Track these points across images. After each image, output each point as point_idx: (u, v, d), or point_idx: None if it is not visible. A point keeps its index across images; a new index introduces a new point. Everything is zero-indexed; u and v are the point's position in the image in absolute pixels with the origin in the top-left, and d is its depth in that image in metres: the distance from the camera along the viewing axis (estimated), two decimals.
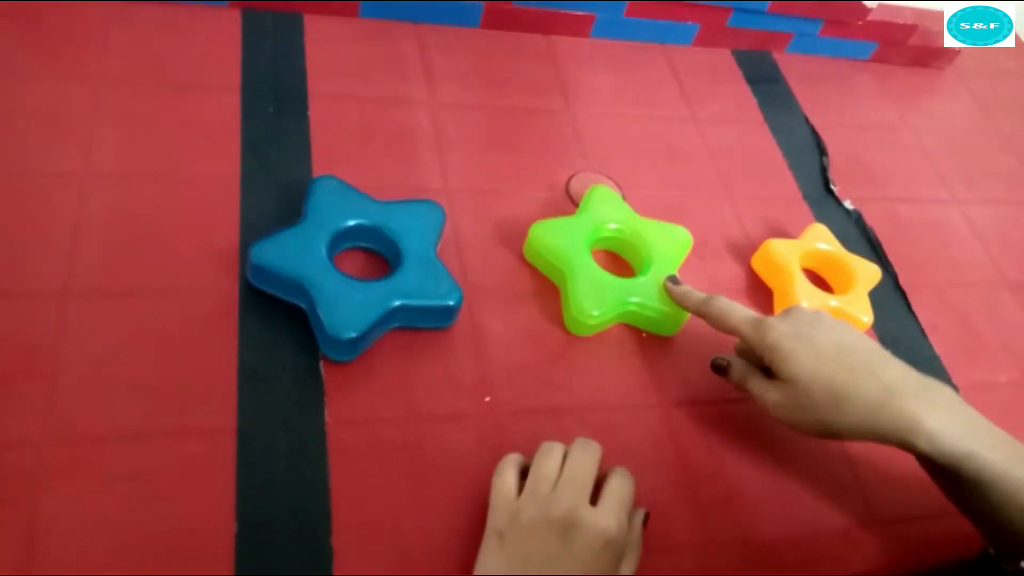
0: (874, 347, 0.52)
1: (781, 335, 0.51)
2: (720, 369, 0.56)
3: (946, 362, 0.67)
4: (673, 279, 0.60)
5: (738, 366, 0.55)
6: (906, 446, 0.48)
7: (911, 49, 0.92)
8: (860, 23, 0.86)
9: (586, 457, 0.49)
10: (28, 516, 0.43)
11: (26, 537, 0.43)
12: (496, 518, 0.47)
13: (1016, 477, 0.46)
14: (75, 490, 0.45)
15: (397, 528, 0.48)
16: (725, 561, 0.52)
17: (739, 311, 0.54)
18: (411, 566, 0.47)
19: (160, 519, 0.45)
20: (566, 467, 0.48)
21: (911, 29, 0.90)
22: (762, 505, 0.55)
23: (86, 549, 0.43)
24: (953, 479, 0.48)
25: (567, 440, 0.54)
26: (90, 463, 0.46)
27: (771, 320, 0.52)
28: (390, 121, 0.68)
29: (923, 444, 0.47)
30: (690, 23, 0.83)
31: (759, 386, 0.53)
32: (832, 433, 0.50)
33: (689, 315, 0.60)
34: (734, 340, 0.57)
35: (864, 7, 0.84)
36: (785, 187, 0.76)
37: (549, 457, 0.49)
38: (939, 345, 0.68)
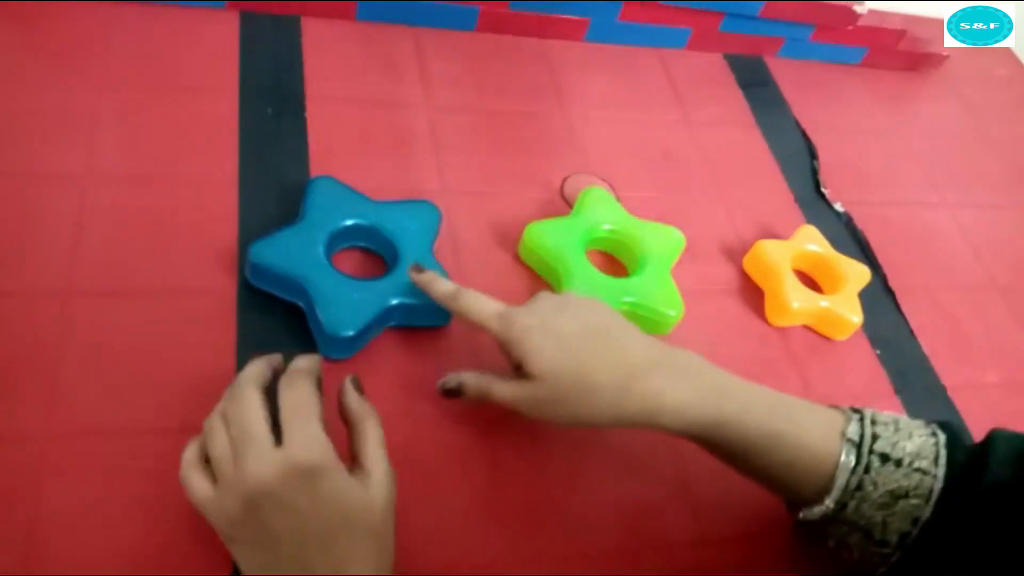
0: (619, 324, 0.50)
1: (525, 328, 0.47)
2: (452, 392, 0.51)
3: (935, 362, 0.68)
4: (417, 267, 0.53)
5: (473, 381, 0.50)
6: (655, 427, 0.47)
7: (901, 54, 0.94)
8: (850, 28, 0.87)
9: (242, 400, 0.41)
10: (29, 511, 0.44)
11: (27, 532, 0.43)
12: (216, 527, 0.41)
13: (772, 432, 0.46)
14: (76, 486, 0.45)
15: (395, 526, 0.49)
16: (723, 558, 0.52)
17: (487, 306, 0.49)
18: (409, 564, 0.47)
19: (160, 516, 0.45)
20: (229, 426, 0.41)
21: (900, 34, 0.91)
22: (759, 499, 0.55)
23: (86, 546, 0.44)
24: (713, 447, 0.48)
25: (567, 441, 0.54)
26: (91, 460, 0.46)
27: (515, 313, 0.48)
28: (387, 123, 0.69)
29: (669, 422, 0.46)
30: (683, 27, 0.84)
31: (505, 390, 0.48)
32: (585, 423, 0.48)
33: (682, 315, 0.61)
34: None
35: (854, 12, 0.85)
36: (776, 189, 0.77)
37: (214, 434, 0.41)
38: (928, 346, 0.69)
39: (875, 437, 0.46)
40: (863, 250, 0.75)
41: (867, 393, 0.64)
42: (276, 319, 0.55)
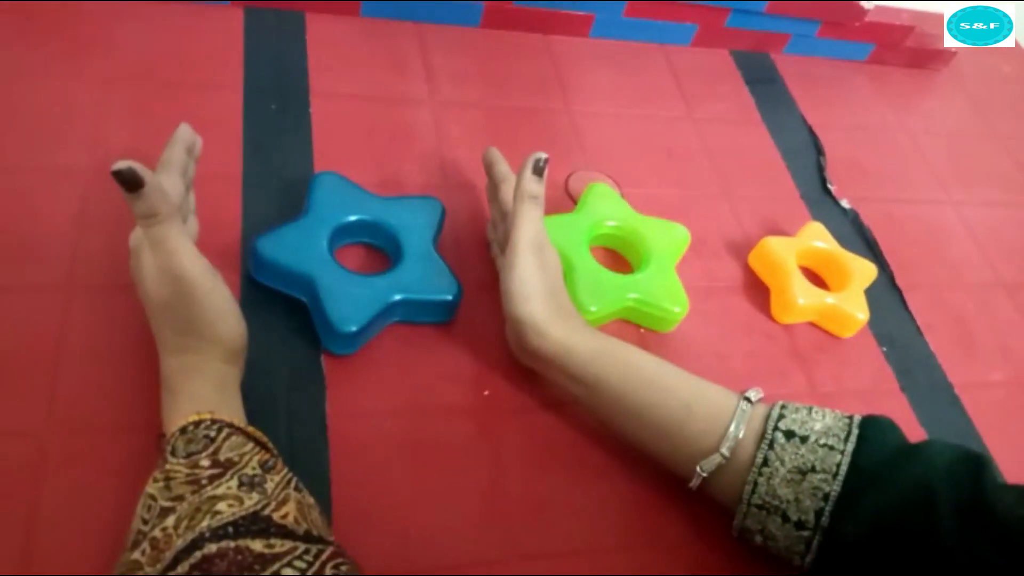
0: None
1: (533, 223, 0.53)
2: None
3: (941, 360, 0.68)
4: (492, 153, 0.61)
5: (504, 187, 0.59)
6: (566, 345, 0.51)
7: (908, 51, 0.93)
8: (857, 24, 0.87)
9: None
10: (29, 506, 0.44)
11: (25, 528, 0.43)
12: None
13: (673, 374, 0.50)
14: (76, 481, 0.45)
15: (397, 519, 0.49)
16: (718, 554, 0.52)
17: (528, 183, 0.54)
18: (410, 556, 0.47)
19: None
20: None
21: (908, 31, 0.91)
22: None
23: (86, 540, 0.43)
24: (612, 388, 0.50)
25: (569, 438, 0.54)
26: (92, 454, 0.46)
27: (535, 212, 0.54)
28: (391, 119, 0.69)
29: (580, 340, 0.51)
30: (689, 23, 0.84)
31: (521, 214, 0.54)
32: (510, 311, 0.52)
33: (687, 311, 0.61)
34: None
35: (861, 8, 0.85)
36: (782, 186, 0.77)
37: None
38: (935, 343, 0.69)
39: (781, 416, 0.47)
40: (870, 247, 0.74)
41: (873, 390, 0.64)
42: (278, 314, 0.54)
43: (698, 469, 0.48)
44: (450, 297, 0.56)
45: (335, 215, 0.57)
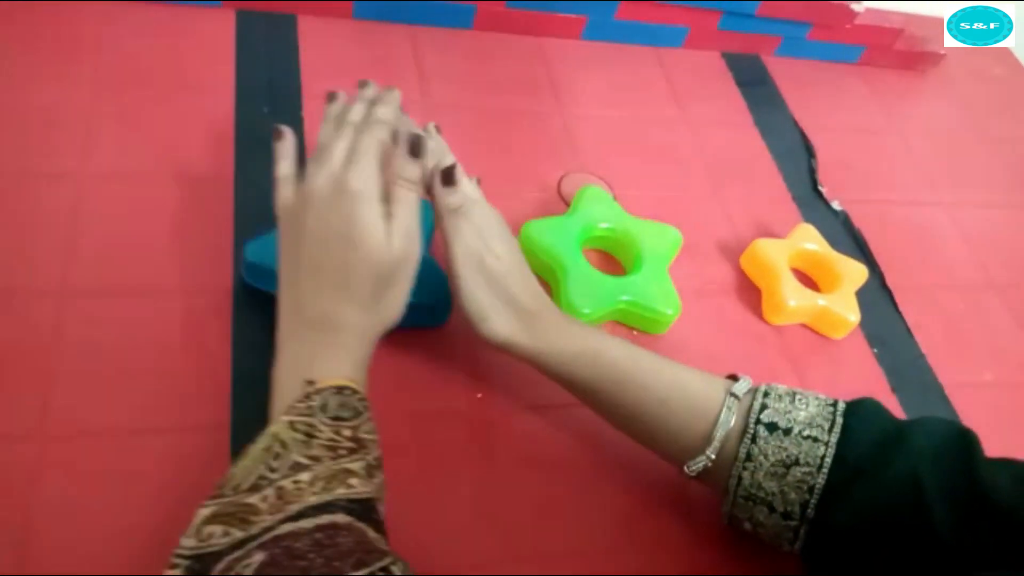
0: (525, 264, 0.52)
1: (462, 236, 0.49)
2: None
3: (932, 361, 0.68)
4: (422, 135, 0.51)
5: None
6: (538, 348, 0.49)
7: (898, 52, 0.94)
8: (847, 26, 0.87)
9: (337, 137, 0.48)
10: (24, 511, 0.44)
11: (22, 532, 0.43)
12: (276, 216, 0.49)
13: (652, 367, 0.49)
14: (70, 485, 0.45)
15: (390, 522, 0.48)
16: (712, 556, 0.52)
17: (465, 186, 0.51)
18: (405, 559, 0.47)
19: (154, 515, 0.45)
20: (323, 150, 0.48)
21: (898, 33, 0.91)
22: None
23: (80, 544, 0.43)
24: (591, 383, 0.49)
25: (562, 440, 0.54)
26: (85, 459, 0.46)
27: (466, 214, 0.50)
28: None
29: (555, 338, 0.49)
30: (680, 26, 0.84)
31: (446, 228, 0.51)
32: (473, 330, 0.50)
33: (679, 313, 0.61)
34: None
35: (851, 11, 0.85)
36: (774, 188, 0.77)
37: (337, 135, 0.48)
38: (925, 344, 0.69)
39: (763, 407, 0.47)
40: (860, 249, 0.75)
41: (864, 391, 0.63)
42: (270, 317, 0.54)
43: (685, 469, 0.48)
44: (442, 300, 0.56)
45: None
